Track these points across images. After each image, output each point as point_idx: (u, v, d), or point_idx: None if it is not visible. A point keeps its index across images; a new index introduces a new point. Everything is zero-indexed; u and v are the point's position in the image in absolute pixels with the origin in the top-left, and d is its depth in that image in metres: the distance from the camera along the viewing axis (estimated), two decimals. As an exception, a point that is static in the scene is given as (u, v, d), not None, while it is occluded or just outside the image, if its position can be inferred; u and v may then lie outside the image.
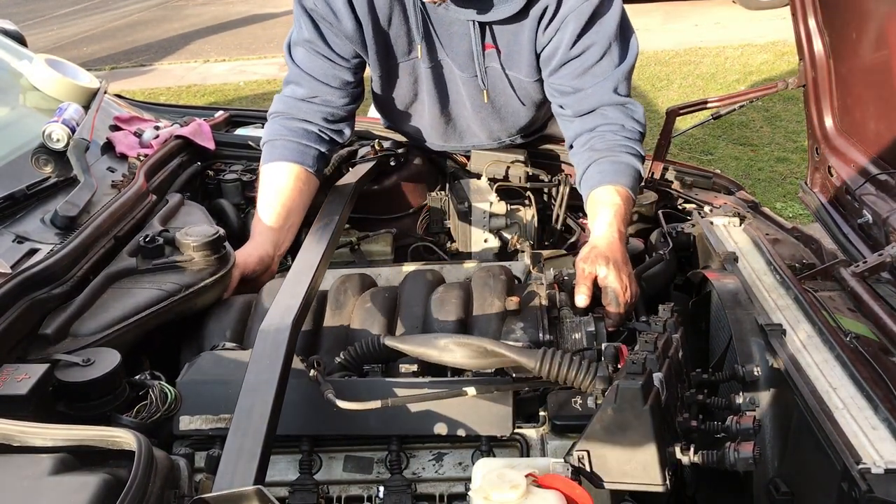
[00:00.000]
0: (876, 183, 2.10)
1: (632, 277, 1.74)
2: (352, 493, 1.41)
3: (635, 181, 1.91)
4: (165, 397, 1.38)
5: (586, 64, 1.91)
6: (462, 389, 1.36)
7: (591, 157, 1.91)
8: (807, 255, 1.90)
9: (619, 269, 1.69)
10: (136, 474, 0.97)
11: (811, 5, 2.27)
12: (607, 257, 1.69)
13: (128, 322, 1.53)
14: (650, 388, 1.13)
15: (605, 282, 1.67)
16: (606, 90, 1.92)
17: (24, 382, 1.27)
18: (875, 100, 2.17)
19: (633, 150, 1.92)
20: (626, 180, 1.88)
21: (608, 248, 1.73)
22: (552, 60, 1.93)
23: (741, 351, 1.49)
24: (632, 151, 1.92)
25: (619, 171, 1.89)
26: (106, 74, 8.56)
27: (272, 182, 1.99)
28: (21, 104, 2.35)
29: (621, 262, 1.72)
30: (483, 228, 2.05)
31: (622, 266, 1.71)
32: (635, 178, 1.92)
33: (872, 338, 1.52)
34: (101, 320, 1.52)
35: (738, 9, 9.30)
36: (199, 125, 2.40)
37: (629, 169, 1.90)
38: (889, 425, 1.24)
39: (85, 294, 1.55)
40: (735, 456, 1.15)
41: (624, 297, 1.67)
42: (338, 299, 1.70)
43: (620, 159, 1.90)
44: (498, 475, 1.08)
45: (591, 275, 1.67)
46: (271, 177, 2.00)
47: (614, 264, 1.68)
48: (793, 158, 5.27)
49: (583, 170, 1.93)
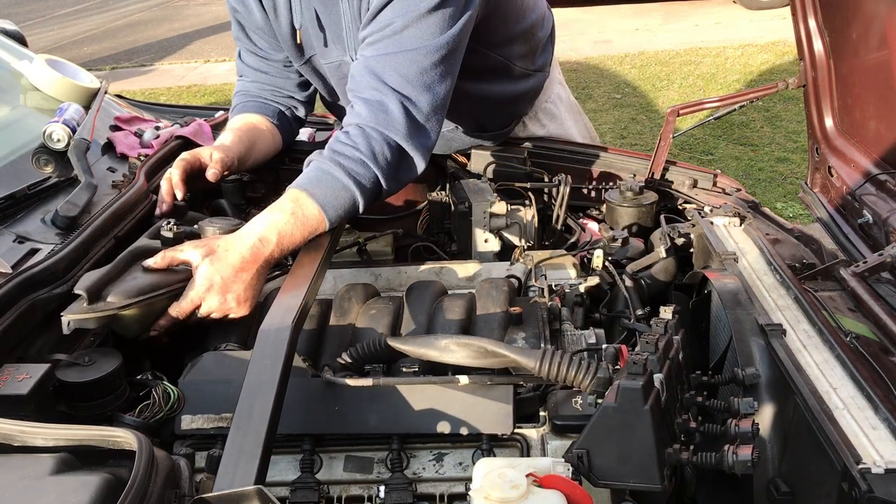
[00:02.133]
0: (876, 183, 2.10)
1: (234, 299, 1.50)
2: (352, 493, 1.41)
3: (335, 199, 1.61)
4: (168, 397, 1.39)
5: (377, 37, 1.72)
6: (455, 377, 1.38)
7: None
8: (807, 255, 1.90)
9: (222, 272, 1.47)
10: (137, 474, 0.98)
11: (811, 5, 2.27)
12: (213, 251, 1.50)
13: (157, 293, 1.51)
14: (650, 389, 1.13)
15: (193, 272, 1.49)
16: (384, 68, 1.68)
17: (25, 382, 1.27)
18: (875, 100, 2.17)
19: (347, 165, 1.64)
20: (318, 192, 1.60)
21: (226, 244, 1.53)
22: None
23: (741, 351, 1.49)
24: (345, 165, 1.64)
25: (320, 181, 1.62)
26: (106, 74, 8.57)
27: (229, 126, 2.06)
28: (21, 104, 2.35)
29: (227, 269, 1.48)
30: (483, 228, 2.05)
31: (228, 273, 1.48)
32: (339, 194, 1.62)
33: (872, 338, 1.52)
34: (130, 287, 1.49)
35: (738, 9, 9.30)
36: (199, 125, 2.40)
37: (332, 182, 1.61)
38: (889, 425, 1.24)
39: (112, 265, 1.53)
40: (734, 458, 1.16)
41: (195, 302, 1.47)
42: (342, 307, 1.71)
43: (326, 168, 1.63)
44: (498, 475, 1.08)
45: (179, 253, 1.50)
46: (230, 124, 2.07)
47: (215, 260, 1.48)
48: (793, 158, 5.27)
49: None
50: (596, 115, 6.25)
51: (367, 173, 1.66)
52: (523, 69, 2.27)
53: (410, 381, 1.42)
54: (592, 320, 1.84)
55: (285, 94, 2.18)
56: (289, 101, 2.19)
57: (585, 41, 8.38)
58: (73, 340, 1.53)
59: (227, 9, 2.10)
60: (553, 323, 1.62)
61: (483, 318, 1.63)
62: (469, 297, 1.72)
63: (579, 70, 7.49)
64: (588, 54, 7.94)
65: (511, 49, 2.17)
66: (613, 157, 2.39)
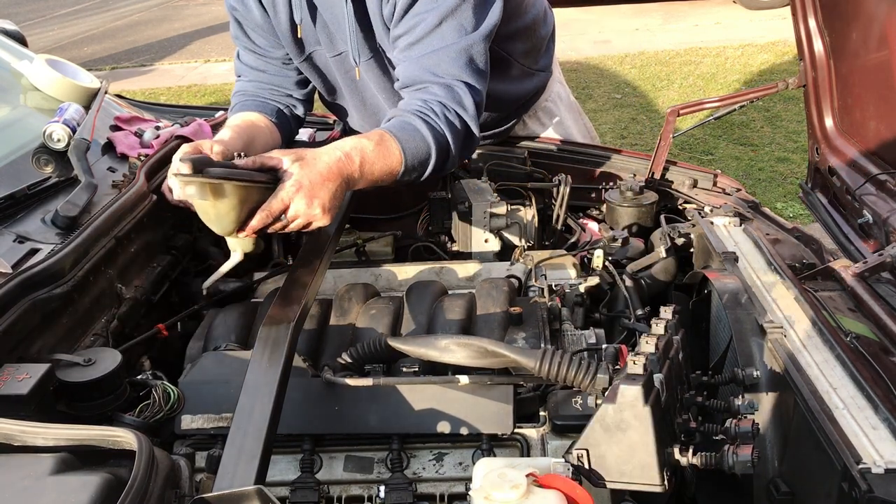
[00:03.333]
0: (876, 183, 2.10)
1: (320, 206, 1.51)
2: (352, 493, 1.41)
3: (415, 149, 1.69)
4: (168, 397, 1.39)
5: (417, 35, 1.79)
6: (455, 377, 1.38)
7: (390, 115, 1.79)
8: (807, 255, 1.90)
9: (310, 176, 1.49)
10: (137, 474, 0.98)
11: (811, 5, 2.27)
12: (303, 157, 1.52)
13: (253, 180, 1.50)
14: (650, 389, 1.13)
15: (282, 175, 1.50)
16: (437, 63, 1.78)
17: (25, 382, 1.27)
18: (875, 100, 2.17)
19: (431, 121, 1.72)
20: (402, 137, 1.67)
21: (314, 153, 1.55)
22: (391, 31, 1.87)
23: (741, 351, 1.49)
24: (430, 121, 1.72)
25: (403, 129, 1.70)
26: (106, 74, 8.57)
27: (228, 123, 2.02)
28: (22, 104, 2.35)
29: (315, 174, 1.50)
30: (483, 228, 2.05)
31: (316, 179, 1.50)
32: (419, 145, 1.69)
33: (872, 338, 1.52)
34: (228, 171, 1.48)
35: (738, 9, 9.30)
36: (199, 125, 2.40)
37: (415, 133, 1.70)
38: (889, 425, 1.24)
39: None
40: (734, 458, 1.16)
41: (285, 202, 1.47)
42: (342, 307, 1.71)
43: (410, 121, 1.72)
44: (499, 475, 1.08)
45: (269, 159, 1.51)
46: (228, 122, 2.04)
47: (304, 165, 1.50)
48: (793, 158, 5.27)
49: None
50: (596, 115, 6.25)
51: (442, 137, 1.75)
52: (526, 67, 2.28)
53: (410, 381, 1.42)
54: (592, 320, 1.84)
55: (284, 93, 2.18)
56: (287, 100, 2.19)
57: (585, 41, 8.38)
58: (73, 340, 1.53)
59: (226, 8, 2.10)
60: (553, 323, 1.62)
61: (483, 318, 1.63)
62: (469, 297, 1.72)
63: (579, 70, 7.49)
64: (588, 54, 7.94)
65: (514, 45, 2.18)
66: (613, 157, 2.39)
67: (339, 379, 1.41)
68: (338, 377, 1.43)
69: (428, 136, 1.71)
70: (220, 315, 1.72)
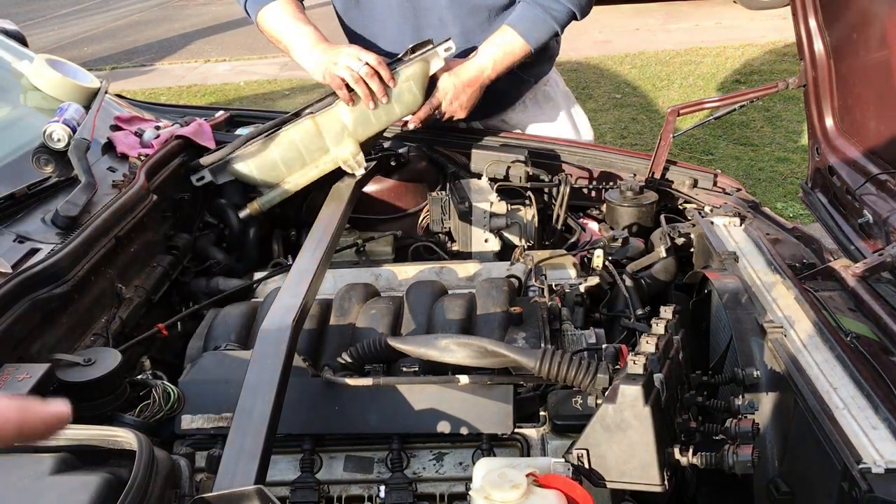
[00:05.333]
0: (876, 183, 2.09)
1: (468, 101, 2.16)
2: (352, 493, 1.41)
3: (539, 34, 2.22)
4: (168, 397, 1.39)
5: None
6: (455, 377, 1.38)
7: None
8: (807, 255, 1.90)
9: (455, 82, 2.13)
10: (137, 474, 0.98)
11: (811, 5, 2.27)
12: (451, 68, 2.12)
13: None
14: (651, 389, 1.13)
15: (440, 75, 2.11)
16: None
17: (25, 382, 1.27)
18: (875, 100, 2.17)
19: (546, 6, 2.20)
20: (524, 28, 2.19)
21: (460, 66, 2.15)
22: None
23: (741, 351, 1.49)
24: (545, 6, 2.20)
25: (523, 17, 2.20)
26: (106, 74, 8.57)
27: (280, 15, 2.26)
28: (22, 104, 2.35)
29: (460, 82, 2.14)
30: (483, 228, 2.05)
31: (459, 85, 2.14)
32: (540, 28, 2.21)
33: (873, 338, 1.52)
34: None
35: (738, 9, 9.29)
36: (199, 125, 2.39)
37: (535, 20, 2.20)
38: (889, 425, 1.24)
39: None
40: (734, 458, 1.16)
41: (440, 99, 2.11)
42: (342, 307, 1.71)
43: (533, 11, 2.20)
44: (499, 475, 1.08)
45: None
46: (276, 13, 2.27)
47: (452, 73, 2.12)
48: (793, 158, 5.27)
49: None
50: (596, 115, 6.24)
51: (562, 8, 2.24)
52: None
53: (410, 380, 1.43)
54: (592, 320, 1.84)
55: None
56: None
57: (585, 41, 8.37)
58: (73, 340, 1.53)
59: None
60: (553, 323, 1.62)
61: (483, 317, 1.63)
62: (469, 296, 1.72)
63: (579, 70, 7.49)
64: (588, 54, 7.93)
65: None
66: (613, 157, 2.39)
67: (339, 379, 1.41)
68: (338, 377, 1.43)
69: (546, 17, 2.21)
70: (220, 315, 1.71)
